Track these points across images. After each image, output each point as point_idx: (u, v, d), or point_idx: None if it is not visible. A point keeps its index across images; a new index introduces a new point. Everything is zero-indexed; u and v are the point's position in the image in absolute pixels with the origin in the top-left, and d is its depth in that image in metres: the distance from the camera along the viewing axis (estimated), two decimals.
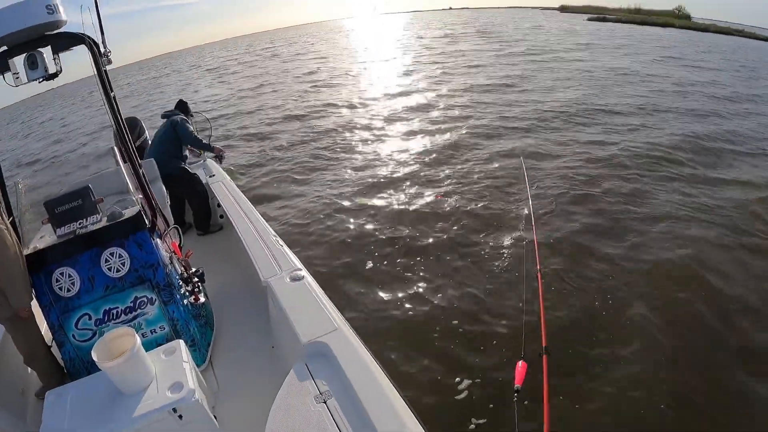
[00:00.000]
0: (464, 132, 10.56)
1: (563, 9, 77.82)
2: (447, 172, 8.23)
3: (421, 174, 8.21)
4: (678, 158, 8.24)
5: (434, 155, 9.20)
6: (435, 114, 12.70)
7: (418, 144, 10.16)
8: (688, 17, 51.32)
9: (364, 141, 10.89)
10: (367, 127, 12.00)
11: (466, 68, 20.69)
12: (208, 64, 44.36)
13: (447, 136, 10.47)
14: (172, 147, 4.85)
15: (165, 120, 5.01)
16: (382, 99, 15.69)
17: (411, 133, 11.12)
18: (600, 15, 56.52)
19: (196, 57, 68.35)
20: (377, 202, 7.31)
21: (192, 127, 5.02)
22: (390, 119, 12.69)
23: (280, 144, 11.40)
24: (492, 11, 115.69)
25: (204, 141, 5.05)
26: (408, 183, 7.88)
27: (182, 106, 5.24)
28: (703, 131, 9.78)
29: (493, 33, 36.11)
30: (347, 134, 11.59)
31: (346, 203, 7.37)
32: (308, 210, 7.31)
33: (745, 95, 13.58)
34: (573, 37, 31.89)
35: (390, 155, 9.55)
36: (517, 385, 2.82)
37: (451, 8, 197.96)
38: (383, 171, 8.64)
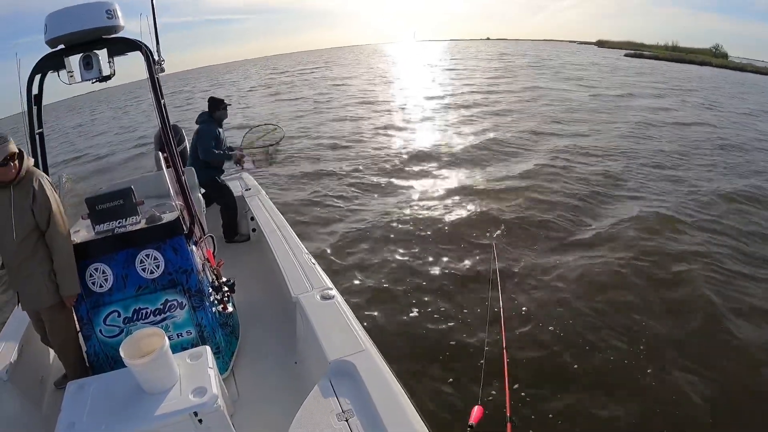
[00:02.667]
0: None
1: (600, 44, 77.59)
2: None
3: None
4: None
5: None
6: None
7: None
8: (725, 56, 50.70)
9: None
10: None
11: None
12: (261, 82, 42.98)
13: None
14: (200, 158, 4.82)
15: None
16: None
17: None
18: (637, 51, 56.21)
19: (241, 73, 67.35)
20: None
21: (216, 132, 4.84)
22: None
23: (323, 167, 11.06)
24: (531, 43, 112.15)
25: (219, 152, 4.85)
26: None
27: (212, 104, 4.94)
28: None
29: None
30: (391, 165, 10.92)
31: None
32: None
33: None
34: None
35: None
36: (472, 422, 2.73)
37: (489, 38, 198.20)
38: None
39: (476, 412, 2.76)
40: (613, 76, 30.30)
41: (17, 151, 2.52)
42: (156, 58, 3.08)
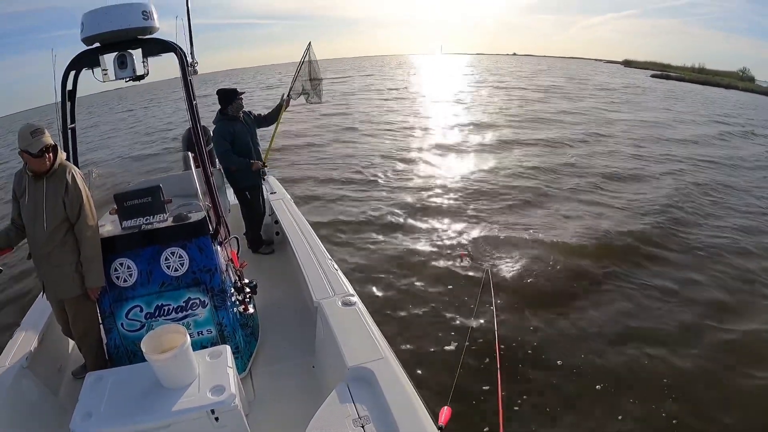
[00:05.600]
0: None
1: (627, 64, 77.00)
2: None
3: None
4: None
5: None
6: None
7: None
8: (752, 80, 49.88)
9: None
10: None
11: None
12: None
13: None
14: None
15: None
16: None
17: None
18: (664, 72, 55.58)
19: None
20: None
21: (229, 130, 4.37)
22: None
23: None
24: (562, 61, 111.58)
25: (236, 159, 4.43)
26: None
27: (222, 98, 4.42)
28: None
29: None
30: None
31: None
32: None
33: None
34: None
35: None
36: (441, 424, 2.71)
37: (515, 54, 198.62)
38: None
39: (446, 412, 2.75)
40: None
41: (52, 143, 2.60)
42: (189, 60, 3.13)
